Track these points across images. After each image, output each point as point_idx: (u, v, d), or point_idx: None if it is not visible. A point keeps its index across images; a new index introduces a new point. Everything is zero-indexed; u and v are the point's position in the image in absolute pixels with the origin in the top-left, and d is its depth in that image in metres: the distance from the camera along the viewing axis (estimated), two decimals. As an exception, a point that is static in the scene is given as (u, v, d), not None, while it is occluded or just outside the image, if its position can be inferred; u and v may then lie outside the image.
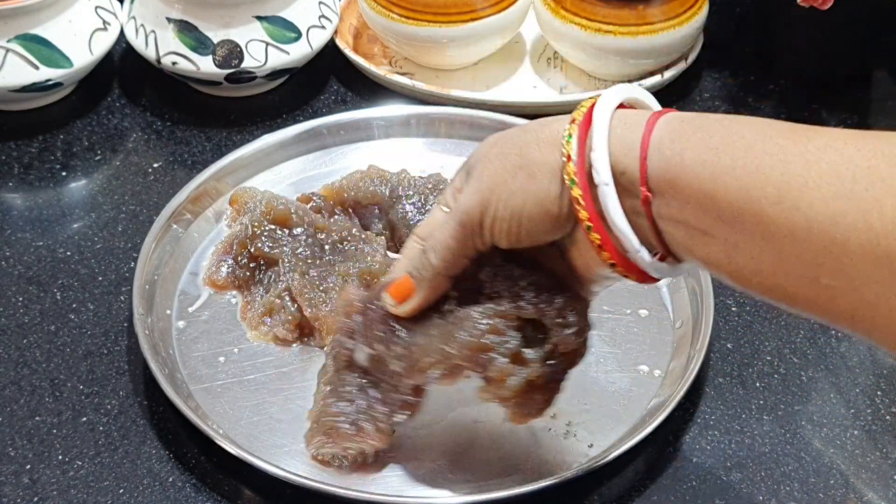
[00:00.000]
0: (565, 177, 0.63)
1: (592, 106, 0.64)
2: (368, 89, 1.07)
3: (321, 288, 0.83)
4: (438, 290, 0.70)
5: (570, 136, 0.63)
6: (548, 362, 0.69)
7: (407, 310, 0.70)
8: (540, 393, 0.70)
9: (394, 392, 0.73)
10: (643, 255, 0.63)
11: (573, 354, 0.70)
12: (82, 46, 1.00)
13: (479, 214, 0.66)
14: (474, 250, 0.68)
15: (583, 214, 0.63)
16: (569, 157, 0.63)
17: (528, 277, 0.69)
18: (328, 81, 1.09)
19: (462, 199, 0.67)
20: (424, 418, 0.76)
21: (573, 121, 0.64)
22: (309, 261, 0.85)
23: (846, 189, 0.54)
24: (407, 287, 0.70)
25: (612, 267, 0.65)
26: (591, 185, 0.63)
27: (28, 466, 0.76)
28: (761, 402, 0.81)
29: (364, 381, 0.74)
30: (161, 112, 1.05)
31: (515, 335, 0.69)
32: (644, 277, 0.65)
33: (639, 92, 0.66)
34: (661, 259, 0.64)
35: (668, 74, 1.06)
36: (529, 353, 0.69)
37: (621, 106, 0.65)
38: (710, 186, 0.59)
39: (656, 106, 0.66)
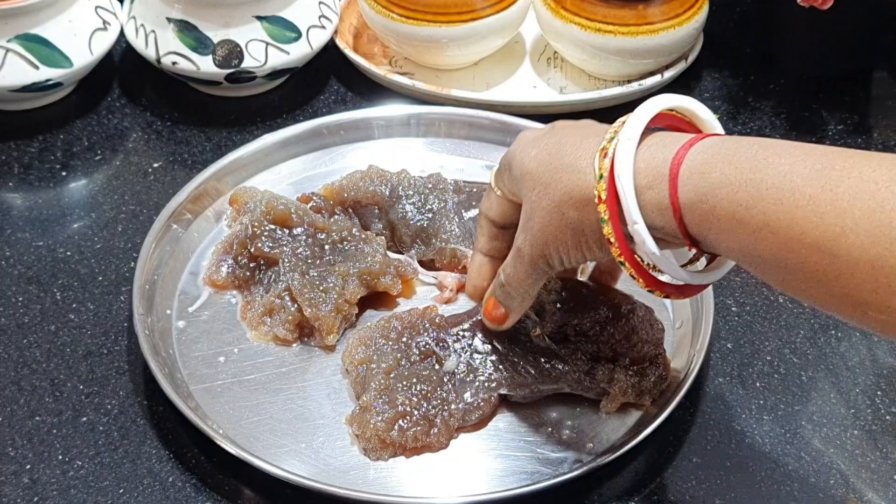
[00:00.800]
0: (614, 255, 0.67)
1: (612, 173, 0.65)
2: (368, 89, 1.07)
3: (321, 288, 0.83)
4: (526, 308, 0.77)
5: (603, 219, 0.66)
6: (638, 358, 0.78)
7: (504, 328, 0.78)
8: (651, 369, 0.78)
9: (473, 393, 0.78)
10: (702, 282, 0.69)
11: (655, 343, 0.79)
12: (82, 46, 1.00)
13: (545, 261, 0.72)
14: (547, 277, 0.75)
15: (640, 284, 0.67)
16: (610, 242, 0.66)
17: (590, 319, 0.79)
18: (328, 81, 1.09)
19: (522, 248, 0.72)
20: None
21: (600, 199, 0.65)
22: (309, 261, 0.85)
23: (884, 235, 0.55)
24: (501, 314, 0.77)
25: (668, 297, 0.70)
26: (636, 254, 0.66)
27: (28, 466, 0.76)
28: (761, 402, 0.81)
29: (445, 378, 0.78)
30: (161, 112, 1.05)
31: (609, 365, 0.78)
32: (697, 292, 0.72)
33: (646, 114, 0.67)
34: (711, 261, 0.70)
35: (668, 74, 1.06)
36: (624, 361, 0.78)
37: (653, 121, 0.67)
38: (750, 241, 0.60)
39: (674, 101, 0.68)
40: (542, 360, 0.78)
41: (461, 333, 0.80)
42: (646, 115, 0.66)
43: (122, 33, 1.05)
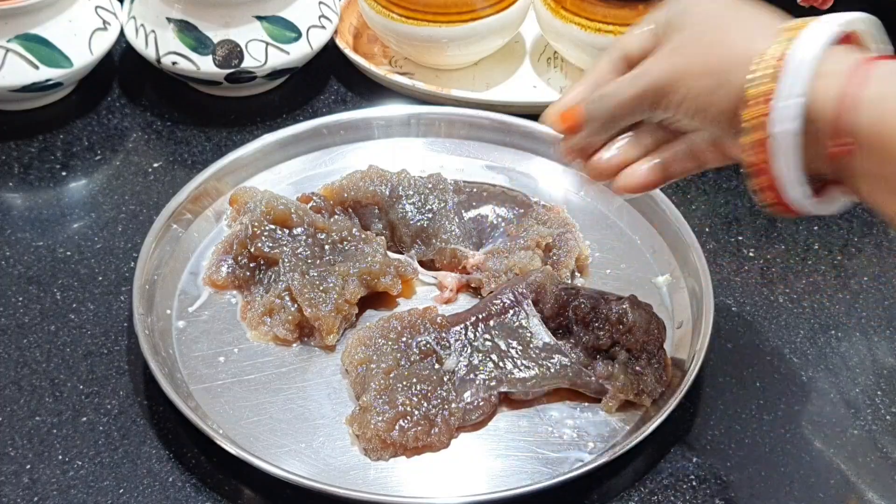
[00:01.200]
0: (744, 119, 0.63)
1: (788, 50, 0.61)
2: (368, 89, 1.07)
3: (321, 288, 0.83)
4: (601, 138, 0.73)
5: (759, 76, 0.62)
6: (632, 358, 0.79)
7: (562, 134, 0.74)
8: (650, 368, 0.78)
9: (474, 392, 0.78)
10: (808, 206, 0.65)
11: (656, 339, 0.79)
12: (82, 46, 1.00)
13: (660, 94, 0.68)
14: (644, 115, 0.71)
15: (750, 161, 0.64)
16: (748, 103, 0.63)
17: (586, 300, 0.80)
18: (328, 81, 1.09)
19: (651, 68, 0.69)
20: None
21: (752, 101, 0.62)
22: (309, 261, 0.85)
23: None
24: (576, 117, 0.72)
25: (768, 205, 0.66)
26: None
27: (28, 466, 0.76)
28: (761, 402, 0.81)
29: (445, 377, 0.78)
30: (161, 112, 1.06)
31: (608, 362, 0.79)
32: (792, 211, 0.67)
33: (846, 20, 0.64)
34: (819, 193, 0.65)
35: (668, 74, 1.06)
36: (622, 356, 0.78)
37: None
38: None
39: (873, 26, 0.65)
40: (543, 354, 0.78)
41: (461, 332, 0.80)
42: (845, 21, 0.63)
43: (122, 33, 1.05)
